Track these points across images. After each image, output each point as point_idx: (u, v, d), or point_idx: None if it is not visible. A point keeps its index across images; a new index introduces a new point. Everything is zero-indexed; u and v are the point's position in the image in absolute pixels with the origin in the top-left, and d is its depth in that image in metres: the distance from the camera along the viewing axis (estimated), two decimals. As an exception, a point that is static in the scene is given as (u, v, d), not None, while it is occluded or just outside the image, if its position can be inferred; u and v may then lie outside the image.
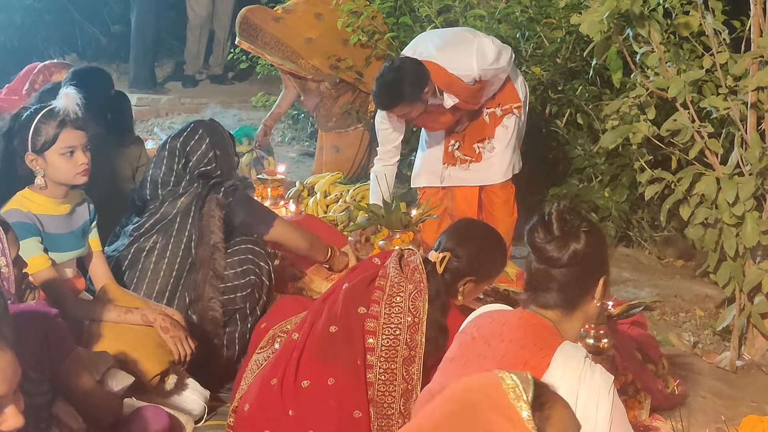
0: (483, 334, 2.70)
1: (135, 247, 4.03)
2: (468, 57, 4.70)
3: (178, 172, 4.08)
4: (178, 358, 3.58)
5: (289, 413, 3.04)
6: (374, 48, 6.46)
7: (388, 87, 4.66)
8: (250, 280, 4.01)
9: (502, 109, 5.02)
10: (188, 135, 4.12)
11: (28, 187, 3.66)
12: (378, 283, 3.13)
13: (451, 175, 5.11)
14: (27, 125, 3.63)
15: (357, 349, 3.04)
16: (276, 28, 6.60)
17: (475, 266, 3.28)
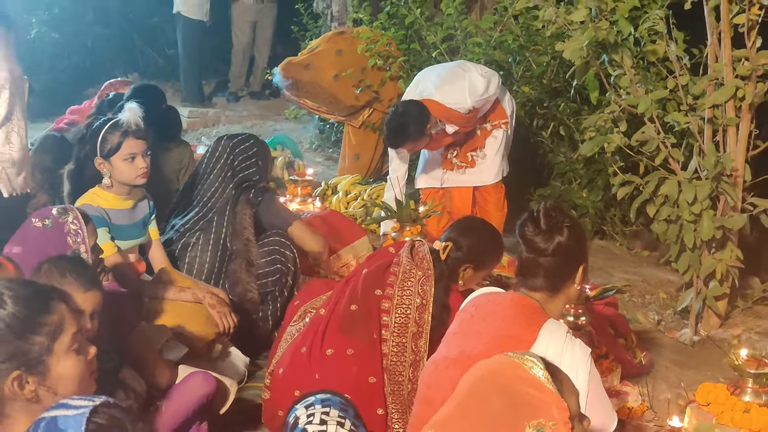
0: (480, 312, 2.70)
1: (182, 243, 4.04)
2: (462, 92, 4.74)
3: (223, 169, 4.07)
4: (223, 330, 3.60)
5: (316, 377, 3.04)
6: (388, 70, 6.45)
7: (395, 131, 4.73)
8: (278, 268, 4.01)
9: (491, 125, 5.06)
10: (240, 141, 4.14)
11: (97, 186, 3.67)
12: (392, 269, 3.13)
13: (449, 178, 5.15)
14: (96, 134, 3.64)
15: (373, 325, 3.05)
16: (309, 74, 6.61)
17: (473, 255, 3.29)
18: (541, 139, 6.09)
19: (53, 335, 1.90)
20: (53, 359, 1.89)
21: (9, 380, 1.84)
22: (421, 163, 5.28)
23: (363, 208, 5.76)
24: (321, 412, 2.58)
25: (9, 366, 1.84)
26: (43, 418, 1.61)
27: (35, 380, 1.87)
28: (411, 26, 6.50)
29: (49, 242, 2.88)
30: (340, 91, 6.58)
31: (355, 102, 6.59)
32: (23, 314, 1.88)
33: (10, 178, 3.29)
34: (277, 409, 3.13)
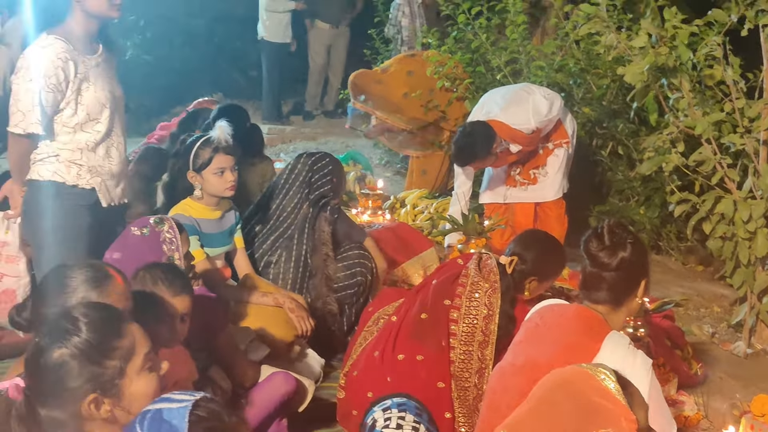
0: (545, 322, 2.70)
1: (264, 261, 4.07)
2: (526, 114, 4.72)
3: (302, 185, 4.12)
4: (301, 333, 3.66)
5: (387, 380, 3.06)
6: (455, 91, 6.46)
7: (463, 150, 4.71)
8: (359, 281, 4.08)
9: (553, 144, 5.04)
10: (318, 158, 4.18)
11: (189, 197, 3.75)
12: (461, 280, 3.13)
13: (512, 194, 5.13)
14: (189, 149, 3.72)
15: (442, 333, 3.06)
16: (379, 89, 6.64)
17: (538, 268, 3.27)
18: (600, 158, 6.04)
19: (126, 358, 1.89)
20: (126, 381, 1.88)
21: (86, 403, 1.84)
22: (485, 179, 5.28)
23: (429, 220, 5.79)
24: (397, 416, 2.60)
25: (85, 389, 1.84)
26: (148, 410, 1.66)
27: (110, 402, 1.86)
28: (477, 50, 6.51)
29: (147, 249, 2.98)
30: (407, 108, 6.61)
31: (421, 116, 6.61)
32: (97, 340, 1.87)
33: (109, 190, 3.37)
34: (351, 409, 3.17)
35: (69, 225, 3.28)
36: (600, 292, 2.66)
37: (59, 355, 1.84)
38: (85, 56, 3.22)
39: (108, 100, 3.28)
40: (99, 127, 3.29)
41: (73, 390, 1.84)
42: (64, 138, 3.25)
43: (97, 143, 3.30)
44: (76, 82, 3.19)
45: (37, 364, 1.86)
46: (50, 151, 3.26)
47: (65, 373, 1.84)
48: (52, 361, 1.85)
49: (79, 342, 1.85)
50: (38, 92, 3.12)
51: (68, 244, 3.28)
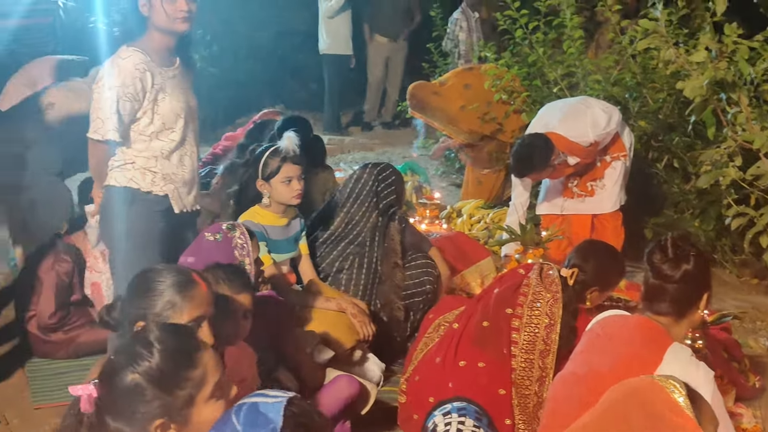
0: (607, 332, 2.66)
1: (336, 266, 4.07)
2: (584, 127, 4.67)
3: (368, 195, 4.12)
4: (363, 338, 3.65)
5: (449, 385, 3.03)
6: (512, 104, 6.41)
7: (521, 161, 4.66)
8: (426, 289, 4.08)
9: (611, 157, 4.97)
10: (382, 169, 4.19)
11: (258, 205, 3.79)
12: (522, 290, 3.10)
13: (569, 205, 5.06)
14: (258, 159, 3.76)
15: (503, 341, 3.03)
16: (436, 100, 6.60)
17: (598, 278, 3.22)
18: (656, 171, 5.93)
19: (196, 388, 1.86)
20: (194, 409, 1.86)
21: (153, 426, 1.83)
22: (542, 190, 5.22)
23: (486, 230, 5.75)
24: (457, 420, 2.58)
25: (154, 414, 1.83)
26: (243, 403, 1.67)
27: (176, 427, 1.85)
28: (533, 64, 6.45)
29: (219, 254, 3.00)
30: (463, 120, 6.58)
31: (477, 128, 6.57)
32: (169, 369, 1.85)
33: (182, 196, 3.40)
34: (413, 413, 3.16)
35: (143, 229, 3.31)
36: (662, 303, 2.62)
37: (131, 380, 1.84)
38: (162, 68, 3.26)
39: (183, 111, 3.32)
40: (173, 135, 3.32)
41: (142, 413, 1.84)
42: (140, 146, 3.29)
43: (171, 151, 3.34)
44: (152, 92, 3.23)
45: (110, 381, 1.86)
46: (126, 158, 3.30)
47: (136, 396, 1.84)
48: (125, 384, 1.84)
49: (150, 369, 1.84)
50: (116, 101, 3.17)
51: (141, 248, 3.31)
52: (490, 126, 6.48)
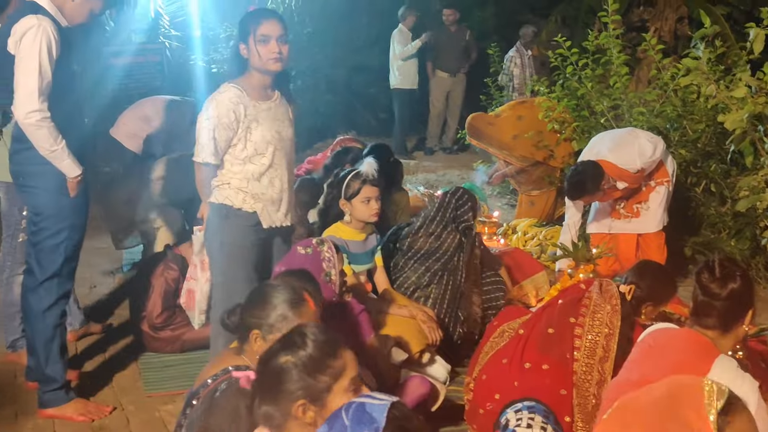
0: (658, 343, 2.60)
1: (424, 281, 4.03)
2: (632, 155, 4.63)
3: (443, 220, 4.12)
4: (431, 342, 3.64)
5: (515, 384, 3.00)
6: (563, 133, 6.36)
7: (575, 186, 4.64)
8: (500, 304, 4.10)
9: (655, 182, 4.90)
10: (461, 194, 4.19)
11: (340, 221, 3.82)
12: (584, 302, 3.06)
13: (616, 225, 4.99)
14: (342, 181, 3.80)
15: (567, 346, 2.99)
16: (492, 129, 6.60)
17: (653, 295, 3.17)
18: (695, 194, 5.82)
19: (335, 377, 1.93)
20: (331, 396, 1.91)
21: (295, 405, 1.89)
22: (592, 211, 5.15)
23: (539, 246, 5.70)
24: (527, 417, 2.56)
25: (298, 394, 1.89)
26: (352, 402, 1.68)
27: (315, 409, 1.90)
28: (582, 97, 6.38)
29: (309, 265, 3.03)
30: (516, 147, 6.54)
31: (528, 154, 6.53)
32: (317, 356, 1.93)
33: (270, 214, 3.41)
34: (479, 408, 3.12)
35: (236, 242, 3.35)
36: (710, 318, 2.56)
37: (285, 361, 1.92)
38: (257, 102, 3.30)
39: (273, 139, 3.34)
40: (264, 160, 3.34)
41: (289, 392, 1.90)
42: (235, 168, 3.33)
43: (262, 174, 3.35)
44: (245, 122, 3.27)
45: (266, 364, 1.95)
46: (224, 179, 3.35)
47: (285, 376, 1.92)
48: (279, 365, 1.93)
49: (303, 355, 1.92)
50: (213, 129, 3.23)
51: (235, 257, 3.35)
52: (543, 152, 6.43)
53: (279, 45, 3.23)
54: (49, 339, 3.40)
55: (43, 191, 3.32)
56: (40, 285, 3.36)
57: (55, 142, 3.21)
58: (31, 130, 3.18)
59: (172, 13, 8.71)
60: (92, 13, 3.38)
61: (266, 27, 3.21)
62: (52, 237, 3.34)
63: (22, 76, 3.14)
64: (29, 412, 3.49)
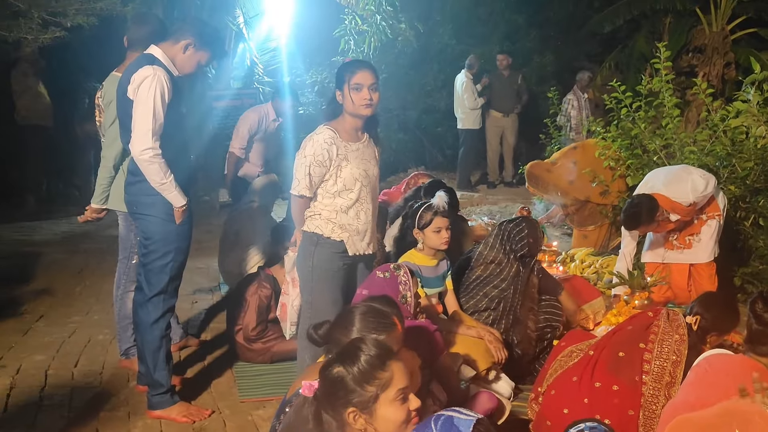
0: (713, 368, 2.50)
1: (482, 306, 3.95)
2: (685, 191, 4.49)
3: (502, 248, 4.00)
4: (497, 360, 3.58)
5: (585, 401, 2.92)
6: (617, 170, 6.22)
7: (631, 218, 4.52)
8: (554, 326, 4.00)
9: (707, 216, 4.73)
10: (514, 224, 4.06)
11: (413, 249, 3.81)
12: (653, 329, 2.96)
13: (669, 255, 4.82)
14: (416, 213, 3.79)
15: (636, 370, 2.88)
16: (549, 176, 6.50)
17: (717, 325, 3.02)
18: (743, 228, 5.59)
19: (382, 387, 1.92)
20: (378, 405, 1.91)
21: (346, 413, 1.90)
22: (647, 242, 4.99)
23: (595, 273, 5.55)
24: None
25: (348, 402, 1.90)
26: (441, 414, 1.68)
27: (364, 417, 1.91)
28: (635, 137, 6.23)
29: (387, 288, 3.02)
30: (572, 191, 6.44)
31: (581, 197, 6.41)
32: (365, 368, 1.93)
33: (355, 243, 3.41)
34: (546, 420, 3.04)
35: (324, 266, 3.36)
36: (765, 346, 2.46)
37: (337, 372, 1.93)
38: (348, 143, 3.33)
39: (361, 176, 3.35)
40: (351, 195, 3.36)
41: (341, 401, 1.91)
42: (325, 201, 3.36)
43: (349, 207, 3.36)
44: (336, 161, 3.30)
45: (324, 374, 1.96)
46: (315, 210, 3.38)
47: (339, 386, 1.92)
48: (333, 375, 1.93)
49: (354, 367, 1.93)
50: (309, 166, 3.27)
51: (323, 280, 3.36)
52: (597, 190, 6.30)
53: (370, 92, 3.26)
54: (156, 348, 3.47)
55: (153, 219, 3.40)
56: (148, 300, 3.44)
57: (164, 176, 3.30)
58: (145, 165, 3.28)
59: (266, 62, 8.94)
60: (199, 64, 3.48)
61: (360, 76, 3.25)
62: (159, 259, 3.42)
63: (138, 118, 3.25)
64: (140, 413, 3.56)
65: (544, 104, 9.53)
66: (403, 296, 3.08)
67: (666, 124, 5.96)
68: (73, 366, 4.15)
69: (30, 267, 6.00)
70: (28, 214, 7.74)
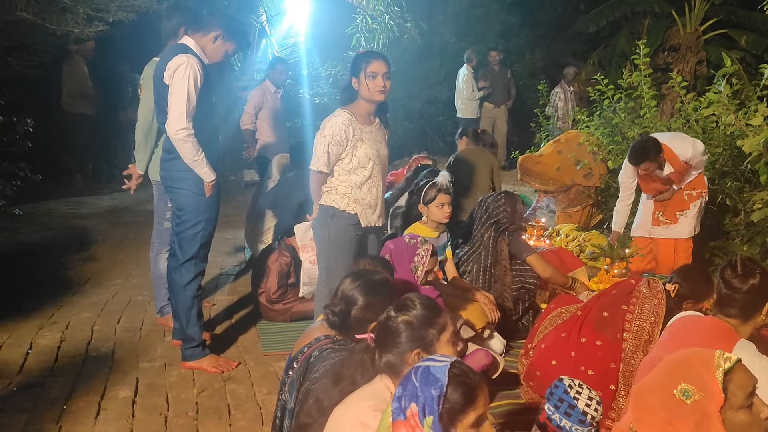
0: (686, 328, 2.47)
1: (461, 269, 3.99)
2: (686, 146, 4.36)
3: (482, 219, 4.02)
4: (491, 320, 3.56)
5: (571, 354, 2.90)
6: (599, 155, 6.16)
7: (639, 151, 4.35)
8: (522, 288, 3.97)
9: (695, 192, 4.59)
10: (493, 198, 4.06)
11: (418, 222, 3.78)
12: (635, 293, 2.92)
13: (655, 231, 4.69)
14: (421, 189, 3.76)
15: (618, 328, 2.85)
16: (538, 168, 6.44)
17: (694, 294, 2.95)
18: (712, 207, 5.54)
19: (440, 330, 1.95)
20: (438, 345, 1.93)
21: (413, 354, 1.90)
22: (637, 217, 4.85)
23: (578, 246, 5.52)
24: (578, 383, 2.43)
25: (414, 345, 1.91)
26: (419, 366, 1.65)
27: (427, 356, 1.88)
28: (616, 125, 6.18)
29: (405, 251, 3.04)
30: (559, 178, 6.38)
31: (568, 182, 6.35)
32: (425, 314, 1.95)
33: (367, 216, 3.39)
34: (536, 371, 3.03)
35: (339, 236, 3.34)
36: (732, 309, 2.41)
37: (403, 320, 1.95)
38: (362, 125, 3.30)
39: (373, 156, 3.33)
40: (365, 173, 3.33)
41: (406, 344, 1.92)
42: (341, 177, 3.33)
43: (362, 183, 3.34)
44: (352, 141, 3.26)
45: (386, 324, 1.98)
46: (332, 186, 3.35)
47: (403, 331, 1.94)
48: (397, 323, 1.95)
49: (415, 314, 1.95)
50: (327, 144, 3.24)
51: (338, 248, 3.34)
52: (582, 172, 6.24)
53: (384, 80, 3.22)
54: (189, 307, 3.47)
55: (185, 192, 3.39)
56: (181, 265, 3.43)
57: (197, 153, 3.28)
58: (179, 143, 3.25)
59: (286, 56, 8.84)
60: (227, 53, 3.43)
61: (375, 65, 3.20)
62: (191, 228, 3.41)
63: (174, 101, 3.22)
64: (175, 364, 3.57)
65: (534, 96, 9.43)
66: (415, 266, 3.06)
67: (644, 114, 5.90)
68: (116, 323, 4.16)
69: (77, 237, 6.02)
70: (76, 191, 7.74)
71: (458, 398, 1.56)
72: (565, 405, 2.20)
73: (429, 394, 1.56)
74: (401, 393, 1.61)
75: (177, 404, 3.17)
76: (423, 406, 1.55)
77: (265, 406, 3.14)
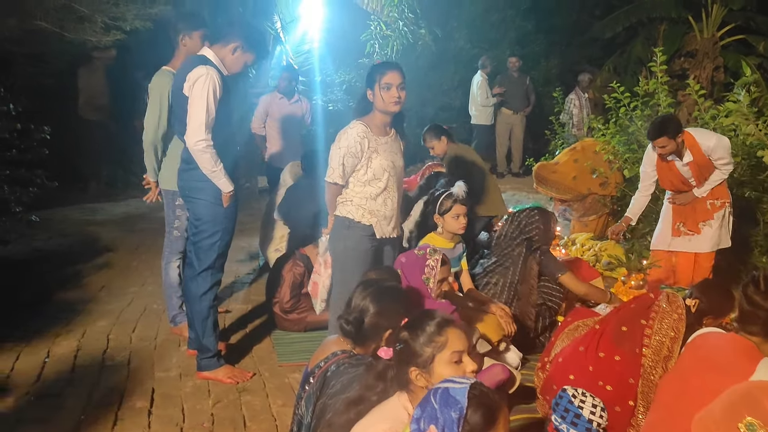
0: (707, 345, 2.45)
1: (485, 281, 3.96)
2: (711, 138, 4.22)
3: (513, 234, 3.98)
4: (507, 333, 3.54)
5: (589, 369, 2.87)
6: (615, 163, 6.12)
7: (659, 124, 4.21)
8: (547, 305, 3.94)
9: (719, 202, 4.45)
10: (527, 213, 4.02)
11: (433, 232, 3.77)
12: (654, 308, 2.88)
13: (675, 243, 4.55)
14: (437, 200, 3.75)
15: (637, 343, 2.82)
16: (554, 176, 6.39)
17: (714, 309, 2.92)
18: (731, 217, 5.48)
19: (438, 349, 1.93)
20: (434, 365, 1.91)
21: (411, 372, 1.91)
22: (657, 229, 4.72)
23: (594, 256, 5.48)
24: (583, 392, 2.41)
25: (412, 363, 1.92)
26: (438, 387, 1.64)
27: (425, 376, 1.91)
28: (632, 133, 6.14)
29: (415, 263, 3.02)
30: (576, 187, 6.34)
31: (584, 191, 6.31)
32: (424, 335, 1.95)
33: (382, 227, 3.37)
34: (553, 384, 3.00)
35: (355, 247, 3.33)
36: (754, 326, 2.39)
37: (403, 337, 1.97)
38: (378, 137, 3.29)
39: (389, 167, 3.32)
40: (380, 184, 3.32)
41: (407, 362, 1.94)
42: (357, 189, 3.32)
43: (378, 195, 3.33)
44: (367, 153, 3.26)
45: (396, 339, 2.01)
46: (347, 197, 3.34)
47: (404, 350, 1.96)
48: (400, 339, 1.98)
49: (415, 332, 1.96)
50: (342, 156, 3.23)
51: (354, 259, 3.32)
52: (599, 181, 6.21)
53: (399, 91, 3.21)
54: (205, 317, 3.47)
55: (203, 202, 3.40)
56: (198, 275, 3.44)
57: (215, 164, 3.29)
58: (198, 154, 3.27)
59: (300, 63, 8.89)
60: (246, 65, 3.45)
61: (390, 77, 3.19)
62: (208, 238, 3.41)
63: (193, 112, 3.23)
64: (190, 374, 3.58)
65: (549, 103, 9.40)
66: (426, 278, 3.05)
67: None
68: (131, 331, 4.19)
69: (92, 244, 6.06)
70: (91, 198, 7.81)
71: (478, 420, 1.56)
72: (570, 414, 2.20)
73: (449, 416, 1.55)
74: (420, 415, 1.60)
75: (192, 415, 3.18)
76: (443, 429, 1.55)
77: (280, 418, 3.14)
